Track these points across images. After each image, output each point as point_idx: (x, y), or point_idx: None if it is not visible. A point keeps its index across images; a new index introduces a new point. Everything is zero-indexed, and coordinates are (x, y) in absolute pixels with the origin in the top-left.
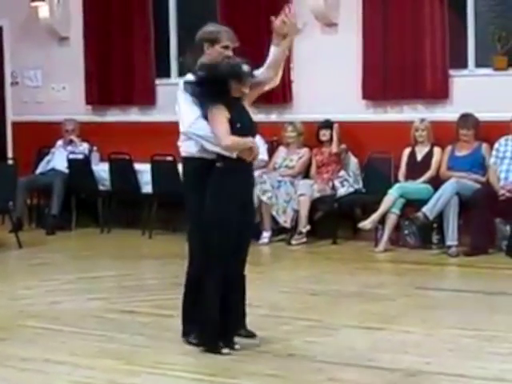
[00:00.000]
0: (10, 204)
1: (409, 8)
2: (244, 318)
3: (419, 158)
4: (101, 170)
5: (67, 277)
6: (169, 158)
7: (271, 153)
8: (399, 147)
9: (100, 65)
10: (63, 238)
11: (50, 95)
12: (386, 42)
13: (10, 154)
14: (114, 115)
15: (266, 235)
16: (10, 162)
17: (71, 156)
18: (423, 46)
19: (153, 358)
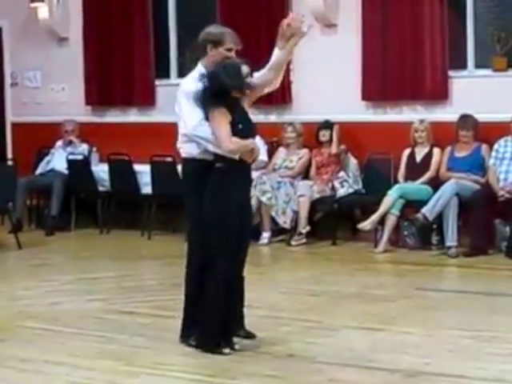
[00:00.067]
0: (9, 205)
1: (408, 9)
2: (242, 319)
3: (419, 158)
4: (100, 171)
5: (67, 277)
6: (168, 159)
7: (271, 154)
8: (399, 148)
9: (99, 65)
10: (63, 239)
11: (50, 96)
12: (385, 42)
13: (9, 154)
14: (114, 116)
15: (265, 236)
16: (9, 162)
17: (71, 157)
18: (423, 46)
19: (152, 359)
